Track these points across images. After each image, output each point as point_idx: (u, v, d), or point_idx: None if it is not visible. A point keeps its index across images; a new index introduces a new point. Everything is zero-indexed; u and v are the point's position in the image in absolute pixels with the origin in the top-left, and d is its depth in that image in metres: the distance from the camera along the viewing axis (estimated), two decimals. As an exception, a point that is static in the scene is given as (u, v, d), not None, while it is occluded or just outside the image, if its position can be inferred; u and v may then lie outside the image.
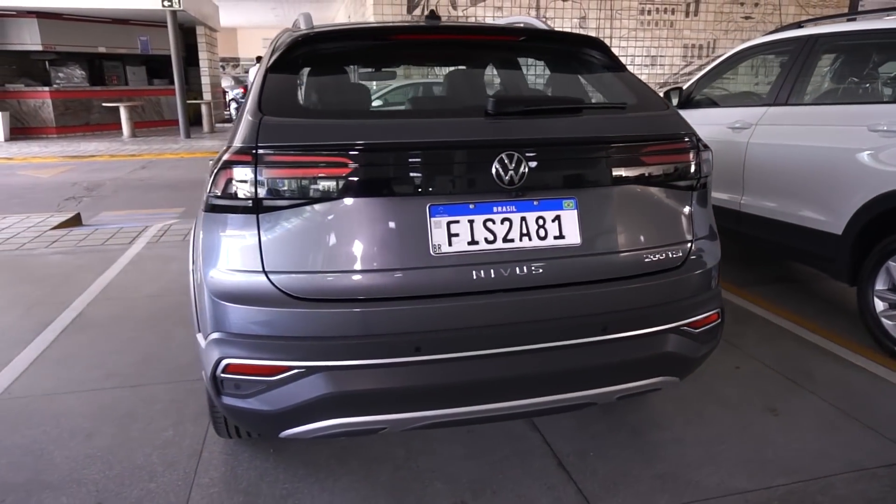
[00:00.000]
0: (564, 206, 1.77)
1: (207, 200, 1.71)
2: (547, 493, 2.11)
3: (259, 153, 1.61)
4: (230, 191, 1.66)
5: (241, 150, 1.64)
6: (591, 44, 2.13)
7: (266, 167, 1.61)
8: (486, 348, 1.70)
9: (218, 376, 1.72)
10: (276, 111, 1.72)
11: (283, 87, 1.84)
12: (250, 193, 1.64)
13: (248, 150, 1.63)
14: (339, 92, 2.09)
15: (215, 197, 1.69)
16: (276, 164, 1.61)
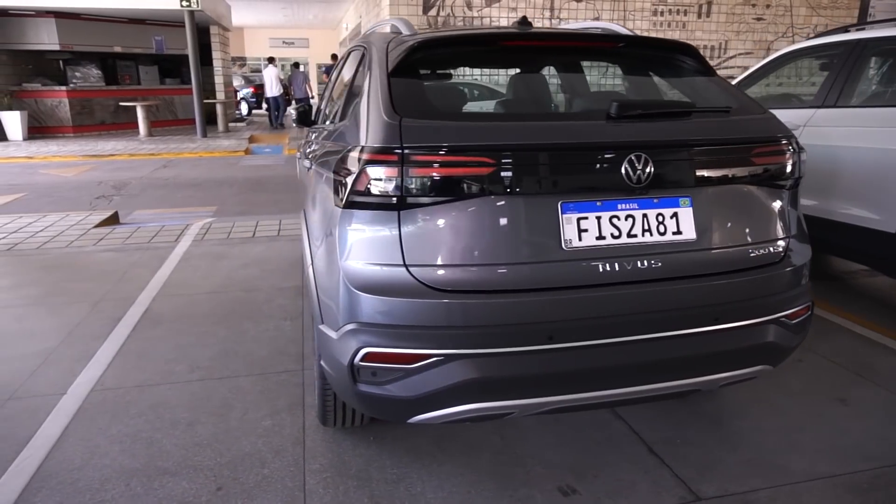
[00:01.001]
0: (681, 204, 1.88)
1: (347, 198, 1.81)
2: (644, 476, 2.22)
3: (405, 153, 1.71)
4: (373, 189, 1.76)
5: (385, 150, 1.73)
6: (685, 50, 2.24)
7: (412, 166, 1.71)
8: (612, 337, 1.81)
9: (356, 364, 1.81)
10: (411, 113, 1.82)
11: (410, 90, 1.94)
12: (394, 191, 1.74)
13: (392, 150, 1.73)
14: (464, 95, 2.19)
15: (357, 194, 1.79)
16: (421, 163, 1.71)
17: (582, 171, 1.79)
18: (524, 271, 1.77)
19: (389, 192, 1.74)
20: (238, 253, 5.03)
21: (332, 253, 1.92)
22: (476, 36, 2.13)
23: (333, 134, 2.40)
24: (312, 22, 25.05)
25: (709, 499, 2.11)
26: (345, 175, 1.86)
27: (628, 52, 2.27)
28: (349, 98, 2.51)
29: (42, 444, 2.43)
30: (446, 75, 2.16)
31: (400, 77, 1.98)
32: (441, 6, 13.09)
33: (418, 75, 2.02)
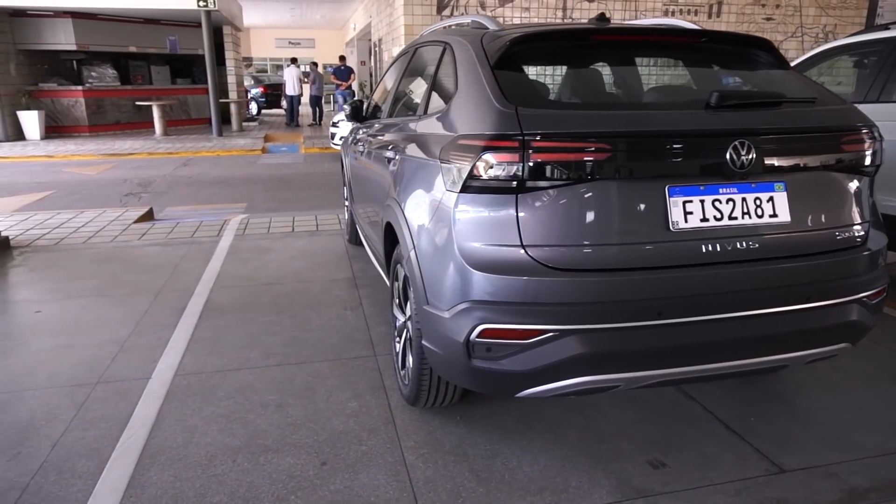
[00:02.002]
0: (776, 189, 1.98)
1: (465, 182, 1.91)
2: (727, 451, 2.32)
3: (525, 139, 1.82)
4: (492, 173, 1.86)
5: (505, 136, 1.84)
6: (763, 44, 2.34)
7: (532, 152, 1.82)
8: (714, 314, 1.91)
9: (472, 341, 1.92)
10: (524, 102, 1.92)
11: (517, 81, 2.05)
12: (513, 176, 1.84)
13: (513, 137, 1.83)
14: (569, 85, 2.29)
15: (475, 179, 1.89)
16: (541, 149, 1.82)
17: (689, 157, 1.90)
18: (635, 251, 1.87)
19: (508, 177, 1.85)
20: (282, 247, 5.13)
21: (443, 236, 2.01)
22: (571, 31, 2.24)
23: (423, 125, 2.50)
24: (319, 22, 25.15)
25: (792, 471, 2.21)
26: (458, 161, 1.96)
27: (710, 46, 2.38)
28: (434, 91, 2.61)
29: (141, 423, 2.53)
30: (547, 67, 2.26)
31: (504, 69, 2.09)
32: (455, 6, 13.20)
33: (521, 67, 2.12)
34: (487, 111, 1.96)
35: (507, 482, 2.16)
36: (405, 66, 3.34)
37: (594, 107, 2.04)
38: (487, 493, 2.11)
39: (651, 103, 2.17)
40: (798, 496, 2.08)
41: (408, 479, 2.18)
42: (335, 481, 2.17)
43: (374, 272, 4.42)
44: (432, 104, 2.60)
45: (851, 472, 2.21)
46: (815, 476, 2.19)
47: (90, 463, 2.28)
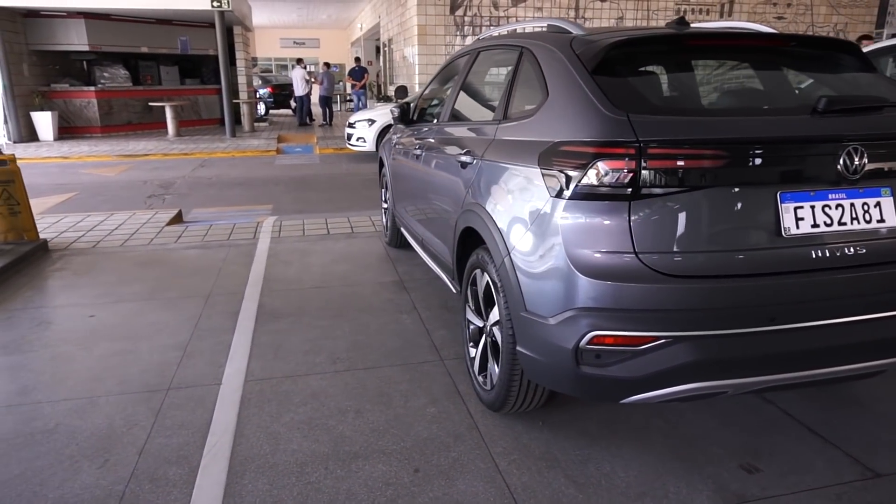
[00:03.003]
0: (882, 194, 1.98)
1: (575, 190, 1.91)
2: (817, 455, 2.32)
3: (640, 146, 1.81)
4: (605, 180, 1.86)
5: (619, 143, 1.83)
6: (849, 48, 2.34)
7: (649, 159, 1.81)
8: (823, 319, 1.91)
9: (581, 348, 1.92)
10: (633, 108, 1.91)
11: (620, 86, 2.04)
12: (626, 183, 1.84)
13: (627, 144, 1.82)
14: (670, 90, 2.29)
15: (586, 186, 1.89)
16: (657, 156, 1.81)
17: (800, 163, 1.90)
18: (747, 257, 1.87)
19: (623, 184, 1.84)
20: (322, 249, 5.12)
21: (548, 242, 2.01)
22: (666, 36, 2.23)
23: (506, 130, 2.49)
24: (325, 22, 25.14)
25: (888, 475, 2.21)
26: (565, 167, 1.96)
27: (797, 50, 2.38)
28: (515, 95, 2.61)
29: (223, 430, 2.52)
30: (645, 72, 2.25)
31: (603, 75, 2.08)
32: (468, 6, 13.20)
33: (620, 73, 2.11)
34: (594, 117, 1.95)
35: (604, 488, 2.16)
36: (467, 70, 3.33)
37: (702, 113, 2.04)
38: (587, 498, 2.10)
39: (755, 109, 2.17)
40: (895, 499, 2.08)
41: (504, 485, 2.18)
42: (432, 488, 2.17)
43: (421, 275, 4.42)
44: (513, 109, 2.59)
45: (946, 476, 2.21)
46: (910, 480, 2.19)
47: (181, 471, 2.27)
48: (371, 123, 10.82)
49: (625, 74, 2.12)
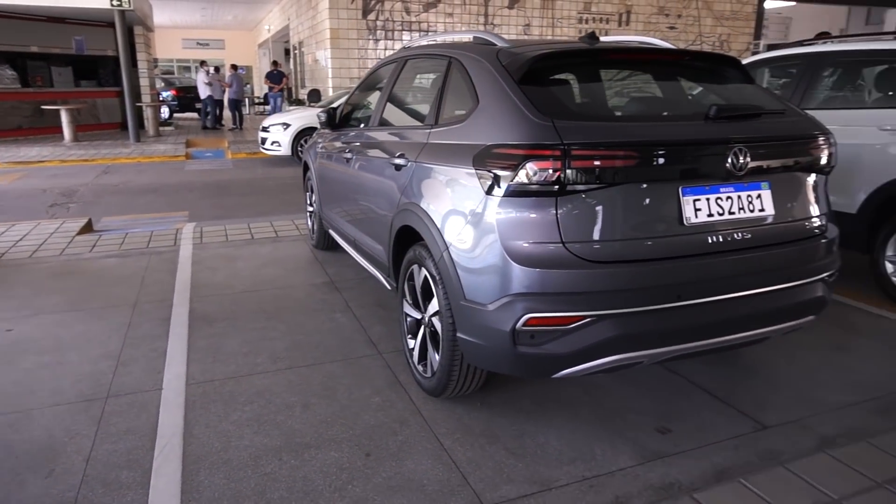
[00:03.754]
0: (762, 187, 2.34)
1: (508, 188, 2.13)
2: (718, 415, 2.67)
3: (566, 148, 2.06)
4: (536, 178, 2.08)
5: (547, 146, 2.07)
6: (732, 62, 2.72)
7: (572, 160, 2.06)
8: (719, 294, 2.24)
9: (518, 329, 2.14)
10: (557, 115, 2.16)
11: (543, 95, 2.28)
12: (554, 181, 2.08)
13: (555, 147, 2.06)
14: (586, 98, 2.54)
15: (518, 184, 2.11)
16: (579, 157, 2.06)
17: (697, 162, 2.21)
18: (657, 243, 2.16)
19: (550, 182, 2.08)
20: (248, 254, 5.11)
21: (484, 236, 2.21)
22: (583, 50, 2.50)
23: (439, 134, 2.68)
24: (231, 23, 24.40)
25: (773, 426, 2.59)
26: (498, 168, 2.17)
27: (692, 63, 2.73)
28: (445, 102, 2.80)
29: (171, 433, 2.55)
30: (565, 82, 2.50)
31: (528, 84, 2.32)
32: (380, 10, 13.33)
33: (543, 82, 2.35)
34: (522, 122, 2.18)
35: (541, 456, 2.39)
36: (395, 77, 3.49)
37: (615, 119, 2.31)
38: (526, 466, 2.33)
39: (659, 115, 2.48)
40: (783, 446, 2.45)
41: (451, 461, 2.36)
42: (384, 469, 2.32)
43: (352, 276, 4.53)
44: (445, 115, 2.78)
45: (820, 423, 2.61)
46: (791, 429, 2.57)
47: (133, 473, 2.30)
48: (286, 127, 10.73)
49: (547, 84, 2.37)
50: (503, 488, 2.21)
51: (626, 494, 2.17)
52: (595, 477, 2.27)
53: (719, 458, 2.38)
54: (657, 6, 15.41)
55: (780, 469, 2.29)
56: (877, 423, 2.60)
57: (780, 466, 2.31)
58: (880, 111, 3.99)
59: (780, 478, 2.24)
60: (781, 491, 2.17)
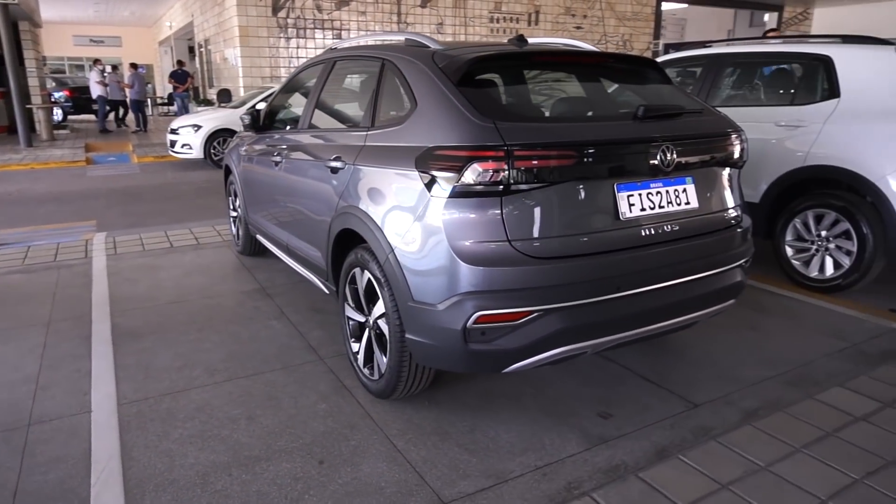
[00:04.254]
0: (687, 182, 2.50)
1: (454, 189, 2.16)
2: (652, 397, 2.83)
3: (509, 150, 2.12)
4: (480, 179, 2.13)
5: (493, 147, 2.12)
6: (652, 64, 2.88)
7: (516, 160, 2.12)
8: (654, 284, 2.38)
9: (469, 327, 2.18)
10: (499, 116, 2.21)
11: (483, 97, 2.33)
12: (498, 181, 2.13)
13: (500, 148, 2.12)
14: (523, 100, 2.59)
15: (464, 185, 2.15)
16: (523, 157, 2.13)
17: (630, 160, 2.34)
18: (596, 238, 2.27)
19: (495, 182, 2.13)
20: (170, 264, 4.88)
21: (431, 237, 2.24)
22: (516, 53, 2.57)
23: (376, 136, 2.68)
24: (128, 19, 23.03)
25: (703, 404, 2.78)
26: (442, 170, 2.21)
27: (616, 65, 2.88)
28: (381, 104, 2.80)
29: (108, 456, 2.42)
30: (501, 84, 2.56)
31: (466, 86, 2.36)
32: (291, 7, 13.03)
33: (480, 84, 2.41)
34: (466, 124, 2.22)
35: (493, 449, 2.45)
36: (324, 78, 3.45)
37: (553, 120, 2.40)
38: (480, 461, 2.38)
39: (592, 115, 2.59)
40: (713, 422, 2.63)
41: (406, 461, 2.38)
42: (340, 476, 2.30)
43: (284, 281, 4.43)
44: (381, 117, 2.78)
45: (742, 398, 2.83)
46: (718, 405, 2.77)
47: None
48: (197, 129, 10.29)
49: (484, 86, 2.43)
50: (460, 484, 2.25)
51: (577, 479, 2.27)
52: (547, 465, 2.35)
53: (658, 437, 2.53)
54: (564, 7, 15.95)
55: (712, 443, 2.47)
56: (791, 394, 2.85)
57: (713, 440, 2.49)
58: (776, 108, 4.34)
59: (712, 451, 2.42)
60: (715, 463, 2.34)
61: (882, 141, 3.77)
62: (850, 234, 3.95)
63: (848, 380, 2.98)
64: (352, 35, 13.75)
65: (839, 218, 4.00)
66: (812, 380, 2.99)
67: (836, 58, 4.10)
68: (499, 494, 2.20)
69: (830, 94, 4.08)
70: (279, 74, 13.17)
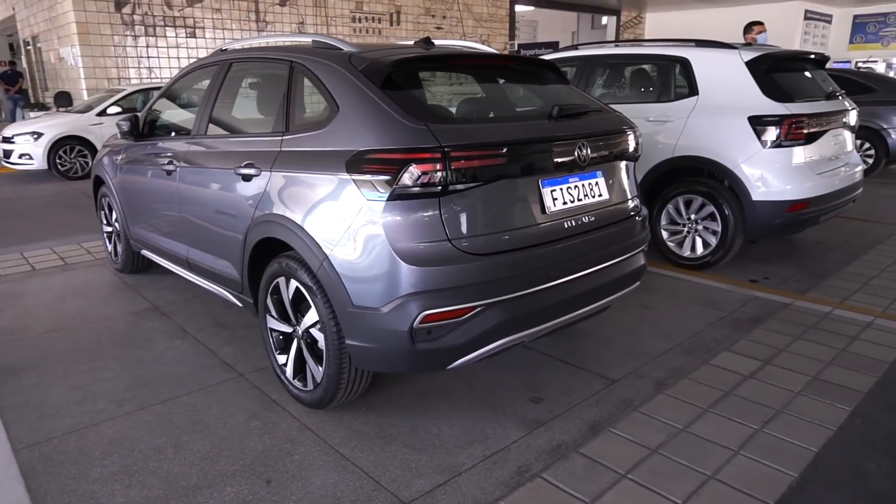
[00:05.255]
0: (598, 176, 2.71)
1: (393, 192, 2.17)
2: (574, 378, 3.03)
3: (445, 151, 2.17)
4: (419, 181, 2.16)
5: (430, 149, 2.15)
6: (552, 67, 3.07)
7: (452, 161, 2.17)
8: (578, 272, 2.55)
9: (415, 328, 2.21)
10: (429, 119, 2.25)
11: (409, 99, 2.36)
12: (436, 182, 2.18)
13: (436, 150, 2.16)
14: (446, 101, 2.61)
15: (402, 187, 2.17)
16: (458, 158, 2.18)
17: (551, 157, 2.48)
18: (528, 232, 2.39)
19: (432, 183, 2.18)
20: (36, 289, 4.37)
21: (370, 241, 2.24)
22: (434, 56, 2.61)
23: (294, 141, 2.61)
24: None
25: (619, 380, 3.02)
26: (377, 173, 2.21)
27: (521, 67, 3.03)
28: (293, 109, 2.73)
29: (17, 509, 2.16)
30: (419, 85, 2.59)
31: (390, 89, 2.38)
32: (137, 4, 12.06)
33: (403, 87, 2.42)
34: (397, 127, 2.24)
35: (440, 446, 2.50)
36: (219, 82, 3.27)
37: (479, 120, 2.48)
38: (430, 458, 2.42)
39: (509, 115, 2.71)
40: (632, 395, 2.87)
41: (357, 468, 2.36)
42: (292, 492, 2.23)
43: (176, 298, 4.15)
44: (296, 121, 2.71)
45: (651, 370, 3.11)
46: (633, 379, 3.03)
47: (-18, 567, 1.91)
48: (37, 137, 9.23)
49: (406, 88, 2.45)
50: (416, 483, 2.28)
51: (525, 463, 2.38)
52: (494, 454, 2.44)
53: (587, 414, 2.71)
54: (424, 7, 16.22)
55: (635, 414, 2.70)
56: (689, 362, 3.18)
57: (635, 412, 2.72)
58: (644, 105, 4.79)
59: (637, 421, 2.65)
60: (641, 431, 2.56)
61: (735, 133, 4.29)
62: (714, 217, 4.46)
63: (732, 344, 3.39)
64: (207, 34, 13.03)
65: (705, 202, 4.50)
66: (704, 347, 3.36)
67: (693, 59, 4.60)
68: (456, 487, 2.25)
69: (690, 91, 4.58)
70: (128, 76, 12.15)
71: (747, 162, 4.23)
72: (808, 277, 4.51)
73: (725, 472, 2.31)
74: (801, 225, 4.39)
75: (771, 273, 4.62)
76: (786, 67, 4.57)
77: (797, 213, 4.23)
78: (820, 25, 20.52)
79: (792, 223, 4.32)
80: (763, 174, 4.21)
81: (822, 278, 4.48)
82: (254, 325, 3.67)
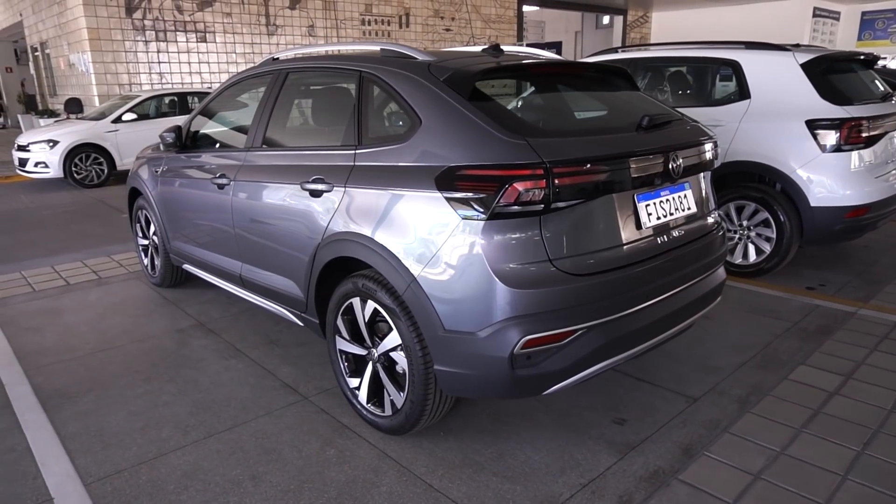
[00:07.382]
0: (686, 188, 2.59)
1: (492, 210, 2.06)
2: (653, 397, 2.91)
3: (548, 167, 2.05)
4: (520, 199, 2.05)
5: (531, 165, 2.04)
6: (624, 74, 2.96)
7: (555, 178, 2.06)
8: (672, 289, 2.44)
9: (515, 354, 2.10)
10: (527, 133, 2.14)
11: (502, 112, 2.24)
12: (537, 200, 2.06)
13: (538, 166, 2.04)
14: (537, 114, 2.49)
15: (502, 206, 2.05)
16: (561, 174, 2.06)
17: (646, 171, 2.36)
18: (626, 250, 2.28)
19: (536, 201, 2.06)
20: (74, 305, 4.25)
21: (468, 262, 2.12)
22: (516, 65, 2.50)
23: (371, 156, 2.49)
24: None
25: (699, 397, 2.91)
26: (474, 191, 2.09)
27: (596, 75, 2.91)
28: (368, 121, 2.61)
29: (99, 551, 2.04)
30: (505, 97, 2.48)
31: (478, 101, 2.26)
32: (148, 8, 11.94)
33: (492, 98, 2.31)
34: (495, 142, 2.12)
35: (531, 474, 2.38)
36: (274, 92, 3.15)
37: (574, 134, 2.36)
38: (525, 488, 2.31)
39: (602, 127, 2.58)
40: (717, 414, 2.76)
41: (451, 501, 2.24)
42: (387, 528, 2.12)
43: (220, 313, 4.03)
44: (371, 134, 2.59)
45: (730, 386, 3.00)
46: (714, 397, 2.91)
47: None
48: (53, 145, 9.10)
49: (492, 99, 2.33)
50: (516, 516, 2.17)
51: (626, 492, 2.27)
52: (591, 482, 2.33)
53: (677, 436, 2.60)
54: (433, 10, 16.11)
55: (726, 435, 2.59)
56: (768, 378, 3.07)
57: (725, 433, 2.61)
58: (694, 109, 4.66)
59: (730, 443, 2.53)
60: (738, 455, 2.45)
61: (791, 137, 4.18)
62: (768, 223, 4.35)
63: (806, 357, 3.27)
64: (217, 38, 12.90)
65: (758, 208, 4.38)
66: (778, 361, 3.25)
67: (744, 62, 4.49)
68: (559, 521, 2.14)
69: (741, 95, 4.47)
70: (139, 81, 12.03)
71: (805, 167, 4.12)
72: (865, 284, 4.40)
73: (839, 499, 2.20)
74: (860, 231, 4.28)
75: (825, 279, 4.51)
76: (840, 69, 4.46)
77: (857, 218, 4.12)
78: (828, 22, 20.43)
79: (851, 229, 4.21)
80: (822, 179, 4.09)
81: (879, 285, 4.37)
82: (308, 343, 3.55)
